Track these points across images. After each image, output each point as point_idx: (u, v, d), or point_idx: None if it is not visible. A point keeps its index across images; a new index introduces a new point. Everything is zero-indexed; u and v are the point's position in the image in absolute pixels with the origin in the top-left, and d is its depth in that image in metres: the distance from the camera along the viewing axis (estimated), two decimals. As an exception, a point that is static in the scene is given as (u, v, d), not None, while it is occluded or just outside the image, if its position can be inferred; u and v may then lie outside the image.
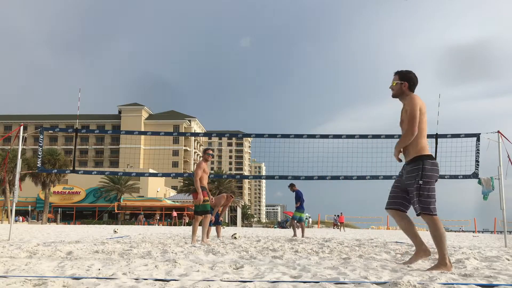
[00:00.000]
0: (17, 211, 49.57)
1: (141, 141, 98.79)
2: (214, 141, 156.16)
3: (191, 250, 6.15)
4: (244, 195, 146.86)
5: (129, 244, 7.49)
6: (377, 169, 9.58)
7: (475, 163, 9.55)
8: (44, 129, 10.08)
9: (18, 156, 9.73)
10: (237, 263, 4.55)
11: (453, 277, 3.62)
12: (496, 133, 9.50)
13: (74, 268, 3.98)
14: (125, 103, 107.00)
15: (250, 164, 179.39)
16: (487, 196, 9.88)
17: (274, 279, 3.42)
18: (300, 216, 13.57)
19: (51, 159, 49.77)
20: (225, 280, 3.29)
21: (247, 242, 8.89)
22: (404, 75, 4.36)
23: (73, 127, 17.18)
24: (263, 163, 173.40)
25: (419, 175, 4.16)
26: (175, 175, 12.13)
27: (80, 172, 11.06)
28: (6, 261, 4.38)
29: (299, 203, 13.36)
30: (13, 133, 10.41)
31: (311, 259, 5.19)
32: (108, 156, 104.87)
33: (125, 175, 24.92)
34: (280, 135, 9.83)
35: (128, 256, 5.22)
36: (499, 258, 5.46)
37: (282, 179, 10.15)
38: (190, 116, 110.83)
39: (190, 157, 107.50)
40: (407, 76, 4.36)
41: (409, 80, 4.34)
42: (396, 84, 4.37)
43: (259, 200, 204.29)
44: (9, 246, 6.52)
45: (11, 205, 12.74)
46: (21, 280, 3.19)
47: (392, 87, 4.41)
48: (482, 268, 4.33)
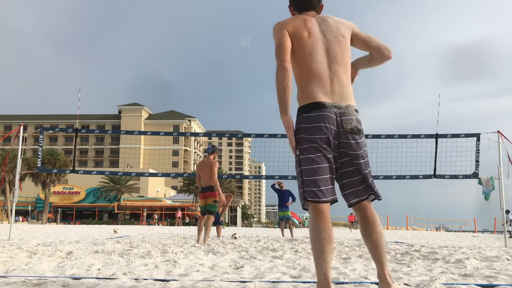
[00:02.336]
0: (17, 211, 49.58)
1: (141, 141, 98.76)
2: (214, 141, 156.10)
3: (191, 250, 6.15)
4: (244, 195, 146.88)
5: (129, 244, 7.49)
6: (377, 169, 9.57)
7: (475, 163, 9.55)
8: (44, 129, 10.07)
9: (18, 156, 9.73)
10: (237, 263, 4.55)
11: (453, 277, 3.62)
12: (496, 133, 9.50)
13: (74, 268, 3.98)
14: (125, 103, 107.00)
15: (250, 164, 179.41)
16: (489, 196, 9.89)
17: (274, 279, 3.42)
18: (283, 214, 13.54)
19: (51, 159, 49.76)
20: (225, 280, 3.29)
21: (247, 242, 8.89)
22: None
23: (73, 127, 17.14)
24: (263, 163, 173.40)
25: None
26: (175, 175, 12.12)
27: (80, 172, 11.06)
28: (6, 261, 4.38)
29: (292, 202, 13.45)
30: (13, 133, 10.41)
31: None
32: (108, 156, 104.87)
33: (125, 175, 24.93)
34: (280, 135, 9.82)
35: (128, 256, 5.22)
36: (499, 258, 5.45)
37: (282, 179, 10.14)
38: (190, 116, 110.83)
39: (190, 157, 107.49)
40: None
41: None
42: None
43: (259, 200, 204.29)
44: (9, 246, 6.51)
45: (11, 205, 12.74)
46: (21, 280, 3.19)
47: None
48: (482, 268, 4.33)
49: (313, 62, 2.57)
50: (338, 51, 2.62)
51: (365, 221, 2.52)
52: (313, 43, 2.60)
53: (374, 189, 2.54)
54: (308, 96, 2.54)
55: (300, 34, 2.61)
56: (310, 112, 2.50)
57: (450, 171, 9.57)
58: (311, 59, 2.57)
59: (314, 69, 2.56)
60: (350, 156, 2.51)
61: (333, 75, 2.57)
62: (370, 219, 2.51)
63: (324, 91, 2.53)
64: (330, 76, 2.56)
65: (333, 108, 2.50)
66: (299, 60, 2.60)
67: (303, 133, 2.50)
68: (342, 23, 2.71)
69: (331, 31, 2.65)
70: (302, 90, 2.59)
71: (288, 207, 13.43)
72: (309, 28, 2.63)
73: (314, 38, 2.61)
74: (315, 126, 2.47)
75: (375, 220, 2.51)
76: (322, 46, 2.60)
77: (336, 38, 2.64)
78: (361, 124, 2.58)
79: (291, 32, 2.61)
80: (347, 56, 2.66)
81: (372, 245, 2.49)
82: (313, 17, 2.72)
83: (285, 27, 2.63)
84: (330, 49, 2.61)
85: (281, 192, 13.34)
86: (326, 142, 2.48)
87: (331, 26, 2.67)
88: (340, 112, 2.51)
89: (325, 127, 2.47)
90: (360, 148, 2.53)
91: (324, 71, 2.56)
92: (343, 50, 2.63)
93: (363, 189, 2.52)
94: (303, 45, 2.59)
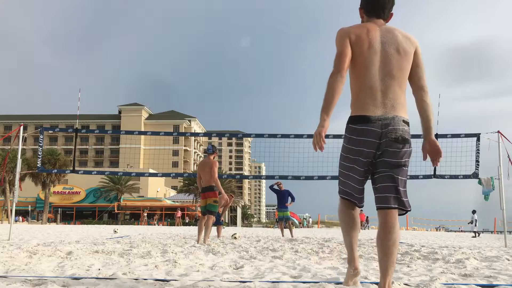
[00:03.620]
0: (17, 211, 49.55)
1: (141, 141, 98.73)
2: (214, 141, 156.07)
3: (191, 250, 6.15)
4: (244, 195, 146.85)
5: (129, 244, 7.48)
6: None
7: (475, 163, 9.55)
8: (44, 129, 10.08)
9: (18, 156, 9.73)
10: (237, 263, 4.55)
11: (453, 277, 3.62)
12: (496, 133, 9.51)
13: (74, 268, 3.98)
14: (125, 103, 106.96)
15: (250, 164, 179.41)
16: (488, 196, 9.89)
17: (274, 279, 3.42)
18: (283, 215, 13.54)
19: (51, 159, 49.72)
20: (225, 280, 3.29)
21: (247, 242, 8.89)
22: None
23: (73, 127, 17.15)
24: (263, 163, 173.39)
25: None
26: (175, 175, 12.13)
27: (80, 172, 11.06)
28: (6, 261, 4.38)
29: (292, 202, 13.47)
30: (13, 133, 10.41)
31: (311, 259, 5.19)
32: (108, 156, 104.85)
33: (125, 175, 24.94)
34: (280, 135, 9.82)
35: (128, 256, 5.21)
36: (499, 258, 5.45)
37: (282, 179, 10.14)
38: (190, 116, 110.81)
39: (190, 157, 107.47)
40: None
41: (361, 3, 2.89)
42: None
43: (259, 200, 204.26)
44: (9, 246, 6.51)
45: (11, 205, 12.74)
46: (21, 280, 3.19)
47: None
48: (482, 268, 4.33)
49: (368, 74, 2.64)
50: (396, 64, 2.65)
51: (383, 226, 2.59)
52: (371, 55, 2.65)
53: (403, 201, 2.62)
54: (358, 107, 2.65)
55: (360, 44, 2.66)
56: (356, 125, 2.64)
57: (450, 171, 9.58)
58: (366, 72, 2.65)
59: (368, 81, 2.64)
60: (388, 163, 2.62)
61: (386, 88, 2.63)
62: (389, 226, 2.58)
63: (374, 103, 2.62)
64: (382, 89, 2.63)
65: (378, 121, 2.60)
66: (355, 70, 2.69)
67: (347, 142, 2.70)
68: (407, 37, 2.74)
69: (393, 44, 2.68)
70: (354, 99, 2.70)
71: (288, 207, 13.43)
72: (371, 39, 2.67)
73: (373, 50, 2.66)
74: (357, 139, 2.63)
75: (393, 228, 2.57)
76: (379, 59, 2.66)
77: (397, 52, 2.67)
78: (408, 135, 2.64)
79: (353, 41, 2.68)
80: (405, 70, 2.68)
81: (382, 251, 2.56)
82: (378, 27, 2.74)
83: (348, 35, 2.69)
84: (388, 62, 2.65)
85: (280, 193, 13.34)
86: (366, 154, 2.63)
87: (394, 38, 2.70)
88: (386, 123, 2.60)
89: (367, 141, 2.61)
90: (400, 156, 2.62)
91: (376, 84, 2.63)
92: (401, 64, 2.66)
93: (394, 198, 2.61)
94: (361, 56, 2.66)
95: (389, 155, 2.61)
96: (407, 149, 2.64)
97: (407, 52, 2.68)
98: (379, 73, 2.64)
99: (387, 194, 2.61)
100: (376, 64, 2.64)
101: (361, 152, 2.63)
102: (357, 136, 2.63)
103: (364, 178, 2.72)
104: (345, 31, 2.71)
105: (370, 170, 2.69)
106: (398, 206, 2.61)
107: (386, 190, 2.62)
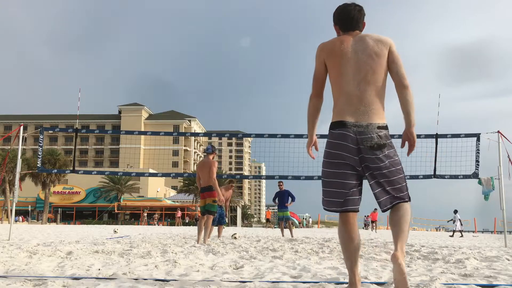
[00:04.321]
0: (17, 211, 49.55)
1: (141, 141, 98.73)
2: (214, 141, 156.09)
3: (191, 250, 6.15)
4: (244, 195, 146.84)
5: (129, 244, 7.49)
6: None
7: (475, 163, 9.55)
8: (44, 129, 10.08)
9: (18, 156, 9.73)
10: (237, 263, 4.55)
11: (453, 277, 3.62)
12: (496, 133, 9.51)
13: (74, 268, 3.98)
14: (125, 103, 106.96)
15: (250, 164, 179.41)
16: (488, 196, 9.89)
17: (274, 279, 3.42)
18: (283, 215, 13.54)
19: (51, 159, 49.76)
20: (225, 280, 3.29)
21: (247, 242, 8.89)
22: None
23: (73, 127, 17.17)
24: (263, 163, 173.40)
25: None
26: (175, 175, 12.13)
27: (80, 172, 11.06)
28: (6, 261, 4.38)
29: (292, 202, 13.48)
30: (13, 133, 10.42)
31: (311, 259, 5.20)
32: (108, 156, 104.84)
33: (125, 175, 24.94)
34: (280, 135, 9.82)
35: (128, 256, 5.21)
36: (499, 258, 5.45)
37: (282, 179, 10.14)
38: (190, 116, 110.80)
39: (190, 157, 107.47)
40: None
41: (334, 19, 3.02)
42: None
43: (259, 200, 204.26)
44: (9, 246, 6.52)
45: (11, 205, 12.74)
46: (21, 280, 3.19)
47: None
48: (482, 268, 4.33)
49: (343, 81, 2.78)
50: (369, 70, 2.76)
51: (393, 210, 2.70)
52: (345, 63, 2.79)
53: (397, 197, 2.71)
54: (336, 114, 2.81)
55: (333, 57, 2.82)
56: (334, 129, 2.78)
57: (450, 171, 9.58)
58: (341, 79, 2.79)
59: (344, 88, 2.79)
60: (372, 169, 2.71)
61: (361, 93, 2.75)
62: (399, 210, 2.68)
63: (351, 109, 2.75)
64: (357, 95, 2.75)
65: (352, 127, 2.73)
66: (332, 80, 2.85)
67: (327, 146, 2.82)
68: (379, 40, 2.83)
69: (365, 50, 2.79)
70: (334, 106, 2.85)
71: (288, 207, 13.44)
72: (343, 49, 2.81)
73: (346, 59, 2.79)
74: (335, 143, 2.75)
75: (402, 210, 2.67)
76: (353, 66, 2.77)
77: (370, 57, 2.77)
78: (385, 138, 2.74)
79: (326, 57, 2.86)
80: (379, 74, 2.78)
81: (393, 224, 2.67)
82: (352, 37, 2.86)
83: (322, 52, 2.87)
84: (361, 69, 2.76)
85: (280, 192, 13.34)
86: (344, 157, 2.72)
87: (366, 44, 2.80)
88: (360, 131, 2.71)
89: (344, 144, 2.72)
90: (382, 161, 2.71)
91: (352, 90, 2.76)
92: (374, 68, 2.77)
93: (387, 199, 2.71)
94: (335, 67, 2.82)
95: (372, 161, 2.70)
96: (387, 152, 2.73)
97: (379, 55, 2.77)
98: (354, 80, 2.76)
99: (383, 197, 2.71)
100: (350, 72, 2.77)
101: (339, 155, 2.73)
102: (335, 140, 2.76)
103: (349, 181, 2.72)
104: (319, 49, 2.90)
105: (355, 175, 2.74)
106: (398, 202, 2.69)
107: (381, 194, 2.72)
